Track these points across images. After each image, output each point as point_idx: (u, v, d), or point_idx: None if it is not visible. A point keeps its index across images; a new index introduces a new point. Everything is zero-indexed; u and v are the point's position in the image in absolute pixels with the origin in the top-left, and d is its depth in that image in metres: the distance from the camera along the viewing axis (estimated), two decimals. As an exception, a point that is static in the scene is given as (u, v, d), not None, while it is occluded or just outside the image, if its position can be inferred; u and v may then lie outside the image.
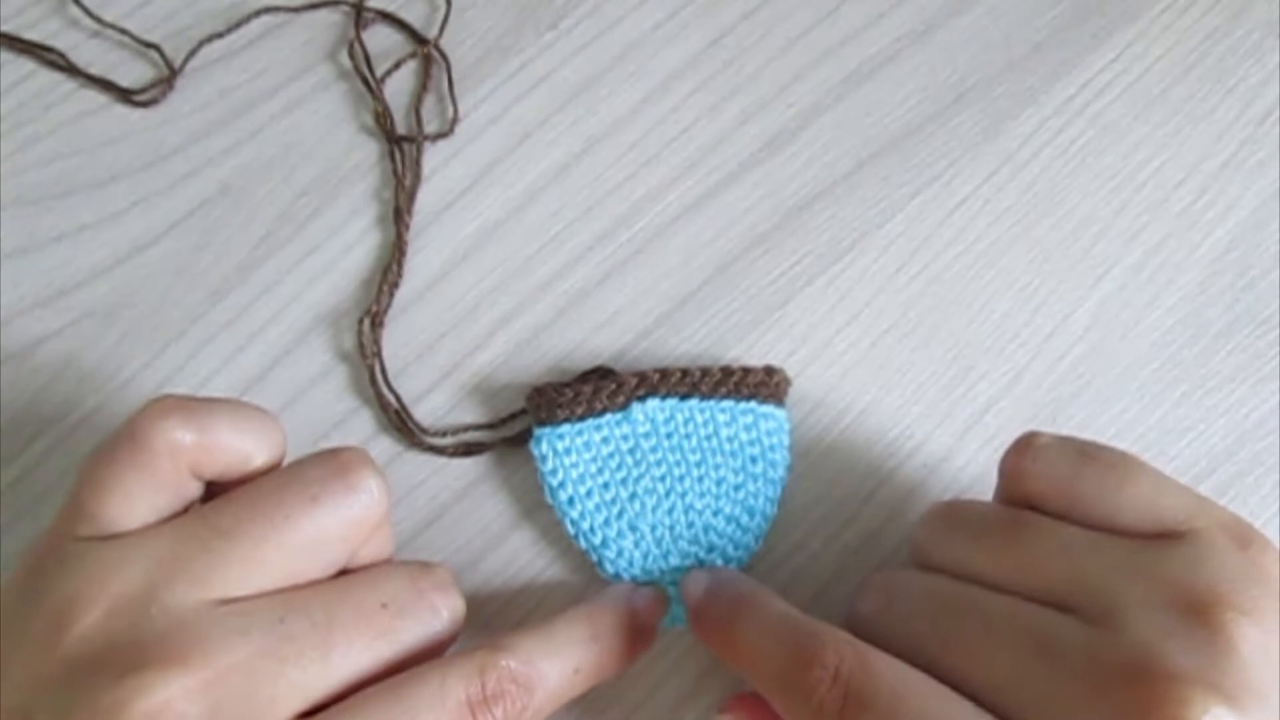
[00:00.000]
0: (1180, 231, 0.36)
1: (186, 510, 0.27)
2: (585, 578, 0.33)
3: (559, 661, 0.28)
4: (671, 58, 0.38)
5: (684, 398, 0.33)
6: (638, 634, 0.30)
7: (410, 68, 0.38)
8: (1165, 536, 0.26)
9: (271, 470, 0.28)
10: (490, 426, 0.34)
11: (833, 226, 0.36)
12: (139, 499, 0.26)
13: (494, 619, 0.32)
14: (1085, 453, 0.28)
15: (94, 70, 0.37)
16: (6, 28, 0.37)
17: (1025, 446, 0.29)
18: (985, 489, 0.33)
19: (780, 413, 0.33)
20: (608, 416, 0.32)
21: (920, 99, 0.38)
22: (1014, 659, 0.25)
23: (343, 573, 0.28)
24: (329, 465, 0.27)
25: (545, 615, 0.32)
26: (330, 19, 0.38)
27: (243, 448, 0.27)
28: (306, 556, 0.27)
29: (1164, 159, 0.37)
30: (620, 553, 0.32)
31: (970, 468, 0.34)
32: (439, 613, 0.28)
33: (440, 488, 0.33)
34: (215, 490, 0.28)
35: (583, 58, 0.38)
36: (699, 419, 0.33)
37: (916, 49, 0.38)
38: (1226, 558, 0.25)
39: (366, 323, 0.34)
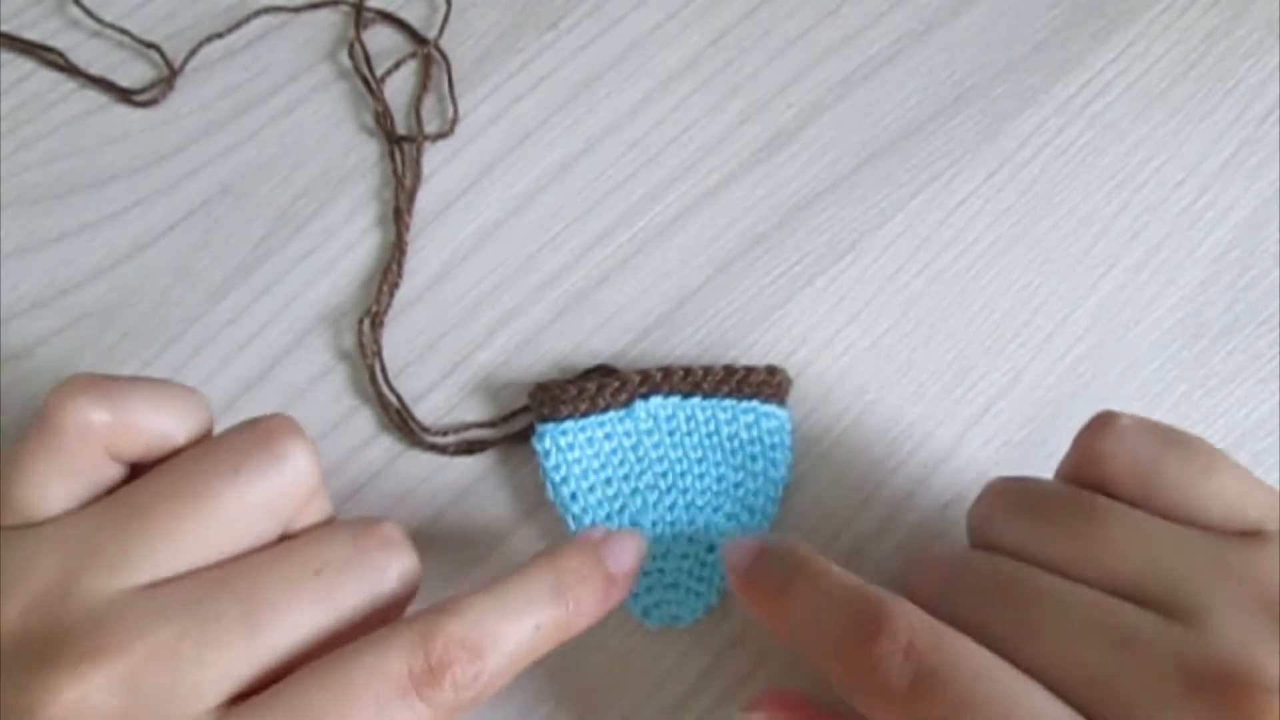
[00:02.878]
0: (1180, 231, 0.36)
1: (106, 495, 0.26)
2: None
3: (515, 620, 0.25)
4: (671, 58, 0.38)
5: (687, 396, 0.33)
6: (609, 585, 0.27)
7: (410, 68, 0.38)
8: (1248, 535, 0.25)
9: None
10: (491, 424, 0.34)
11: (833, 226, 0.36)
12: (54, 484, 0.25)
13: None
14: (1169, 439, 0.26)
15: (94, 70, 0.37)
16: (6, 28, 0.37)
17: (1105, 425, 0.27)
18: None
19: (782, 412, 0.33)
20: (611, 413, 0.32)
21: (920, 99, 0.38)
22: (1095, 653, 0.24)
23: (280, 541, 0.26)
24: (251, 434, 0.26)
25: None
26: (330, 19, 0.38)
27: (162, 426, 0.26)
28: (232, 531, 0.25)
29: (1164, 159, 0.37)
30: None
31: (970, 468, 0.34)
32: (385, 573, 0.26)
33: (442, 487, 0.33)
34: (139, 473, 0.26)
35: (583, 57, 0.38)
36: (701, 417, 0.33)
37: (916, 49, 0.38)
38: None
39: (366, 322, 0.34)
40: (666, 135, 0.37)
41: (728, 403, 0.33)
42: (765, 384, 0.33)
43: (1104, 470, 0.27)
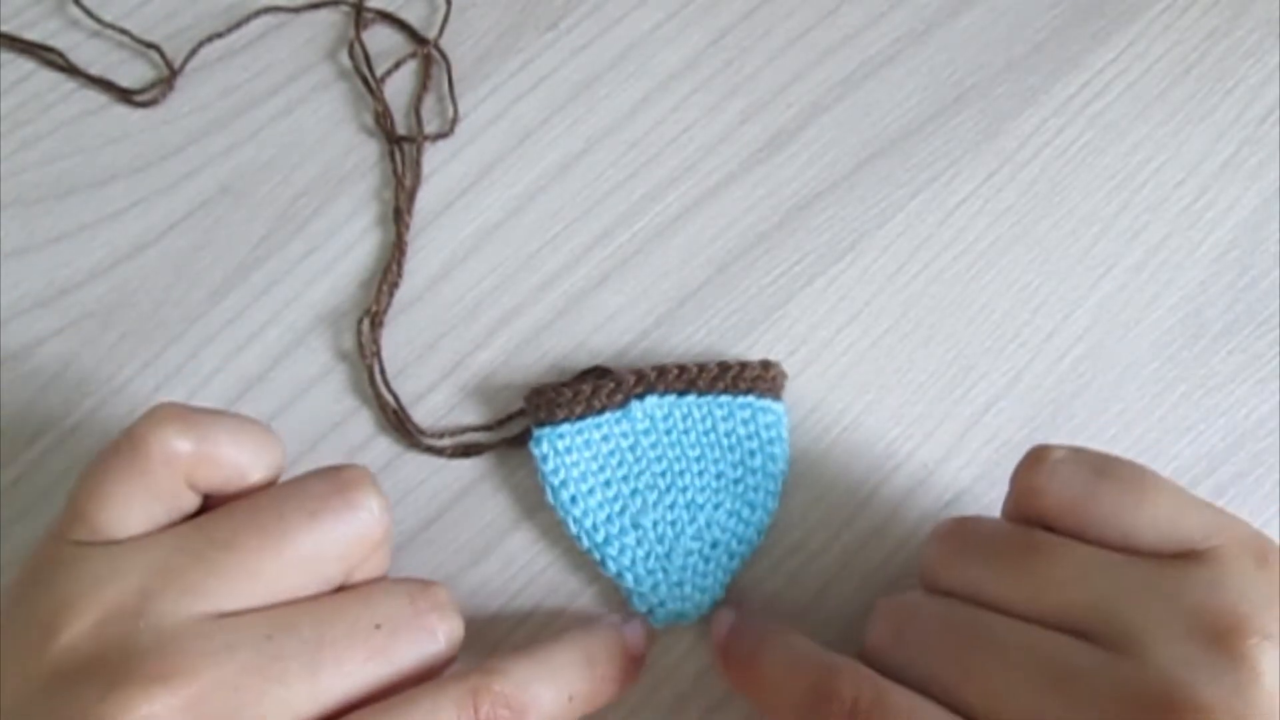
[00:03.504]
0: (1180, 231, 0.36)
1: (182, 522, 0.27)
2: (585, 578, 0.33)
3: (553, 687, 0.27)
4: (671, 58, 0.38)
5: (682, 394, 0.33)
6: (629, 664, 0.30)
7: (410, 68, 0.38)
8: (1184, 556, 0.25)
9: (269, 486, 0.28)
10: (488, 428, 0.34)
11: (833, 226, 0.36)
12: (134, 506, 0.26)
13: (493, 619, 0.32)
14: (1101, 470, 0.27)
15: (94, 70, 0.37)
16: (6, 28, 0.37)
17: (1038, 461, 0.27)
18: (985, 489, 0.34)
19: (778, 406, 0.33)
20: (607, 415, 0.32)
21: (920, 99, 0.38)
22: (1033, 692, 0.24)
23: (339, 590, 0.27)
24: (330, 482, 0.27)
25: (543, 619, 0.32)
26: (330, 19, 0.38)
27: (241, 461, 0.27)
28: (302, 573, 0.26)
29: (1164, 159, 0.37)
30: (623, 550, 0.32)
31: (970, 468, 0.34)
32: (435, 635, 0.27)
33: (440, 488, 0.33)
34: (211, 505, 0.27)
35: (583, 58, 0.38)
36: (697, 415, 0.33)
37: (916, 49, 0.38)
38: (1247, 578, 0.25)
39: (366, 322, 0.34)
40: (666, 135, 0.37)
41: (724, 399, 0.33)
42: (760, 379, 0.33)
43: (1041, 505, 0.27)
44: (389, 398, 0.34)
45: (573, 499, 0.32)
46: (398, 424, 0.33)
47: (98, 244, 0.35)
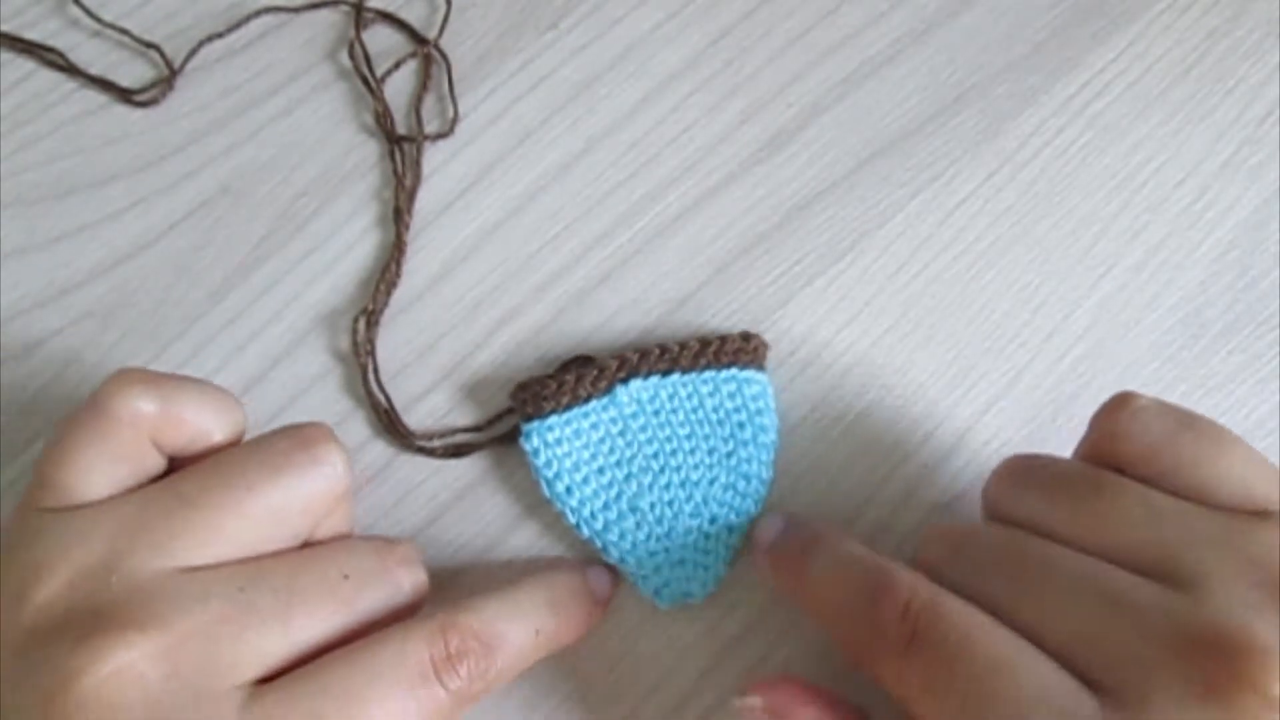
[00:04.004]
0: (1180, 231, 0.36)
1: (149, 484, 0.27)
2: (585, 578, 0.33)
3: (520, 623, 0.28)
4: (671, 58, 0.38)
5: (665, 374, 0.33)
6: (592, 605, 0.31)
7: (410, 68, 0.38)
8: (1255, 514, 0.25)
9: (233, 447, 0.28)
10: (479, 428, 0.34)
11: (833, 226, 0.36)
12: (101, 469, 0.26)
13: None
14: (1184, 421, 0.27)
15: (94, 70, 0.37)
16: (6, 28, 0.37)
17: (1122, 405, 0.28)
18: (985, 489, 0.34)
19: (762, 376, 0.33)
20: (593, 403, 0.32)
21: (920, 99, 0.38)
22: (1088, 614, 0.24)
23: (306, 546, 0.28)
24: (293, 438, 0.28)
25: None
26: (330, 19, 0.38)
27: (204, 421, 0.28)
28: (268, 527, 0.27)
29: (1164, 159, 0.37)
30: (623, 535, 0.32)
31: (970, 467, 0.34)
32: (401, 585, 0.28)
33: (440, 488, 0.33)
34: (177, 468, 0.28)
35: (583, 58, 0.38)
36: (683, 393, 0.33)
37: (916, 49, 0.38)
38: None
39: (362, 322, 0.34)
40: (666, 135, 0.37)
41: (707, 374, 0.33)
42: (742, 350, 0.33)
43: (1118, 449, 0.27)
44: (380, 398, 0.34)
45: (568, 490, 0.32)
46: (389, 425, 0.33)
47: (98, 244, 0.35)
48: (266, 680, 0.25)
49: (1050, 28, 0.39)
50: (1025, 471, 0.29)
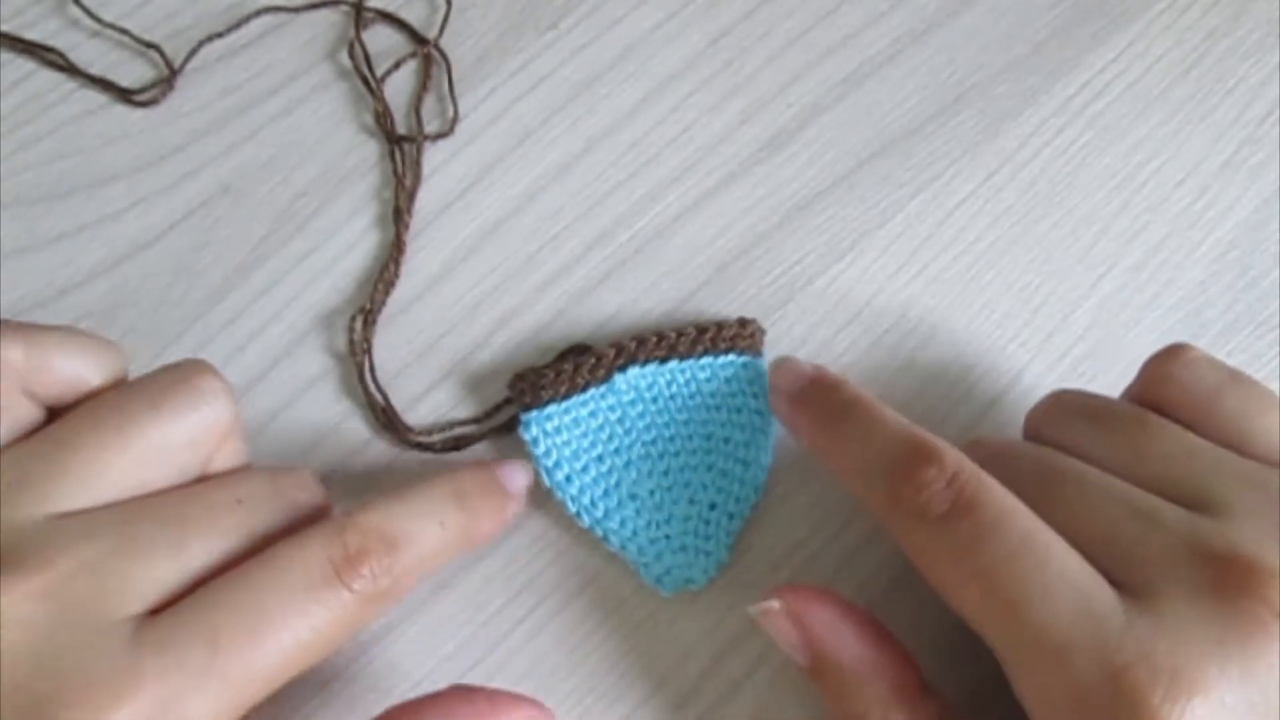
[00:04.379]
0: (1180, 231, 0.36)
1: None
2: (588, 577, 0.33)
3: (422, 517, 0.27)
4: (671, 58, 0.38)
5: (663, 361, 0.33)
6: (504, 496, 0.30)
7: (410, 68, 0.38)
8: None
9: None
10: (477, 420, 0.34)
11: (833, 226, 0.36)
12: None
13: (497, 615, 0.32)
14: (1234, 375, 0.28)
15: (94, 70, 0.37)
16: (6, 28, 0.37)
17: (1176, 353, 0.29)
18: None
19: (759, 362, 0.33)
20: (591, 391, 0.33)
21: (920, 99, 0.38)
22: (1116, 522, 0.25)
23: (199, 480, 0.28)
24: (172, 374, 0.27)
25: (548, 613, 0.32)
26: (330, 19, 0.38)
27: (77, 367, 0.27)
28: (153, 465, 0.26)
29: (1164, 159, 0.37)
30: (623, 523, 0.32)
31: (970, 468, 0.34)
32: (298, 504, 0.28)
33: (440, 488, 0.33)
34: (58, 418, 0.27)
35: (583, 58, 0.38)
36: (681, 379, 0.33)
37: (916, 49, 0.38)
38: None
39: (359, 321, 0.34)
40: (666, 135, 0.37)
41: (705, 361, 0.33)
42: (739, 336, 0.33)
43: (1165, 392, 0.28)
44: (377, 396, 0.34)
45: (568, 478, 0.32)
46: (386, 422, 0.33)
47: (98, 244, 0.35)
48: (163, 607, 0.25)
49: (1050, 28, 0.39)
50: (1072, 402, 0.30)
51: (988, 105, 0.38)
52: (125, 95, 0.37)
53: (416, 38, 0.38)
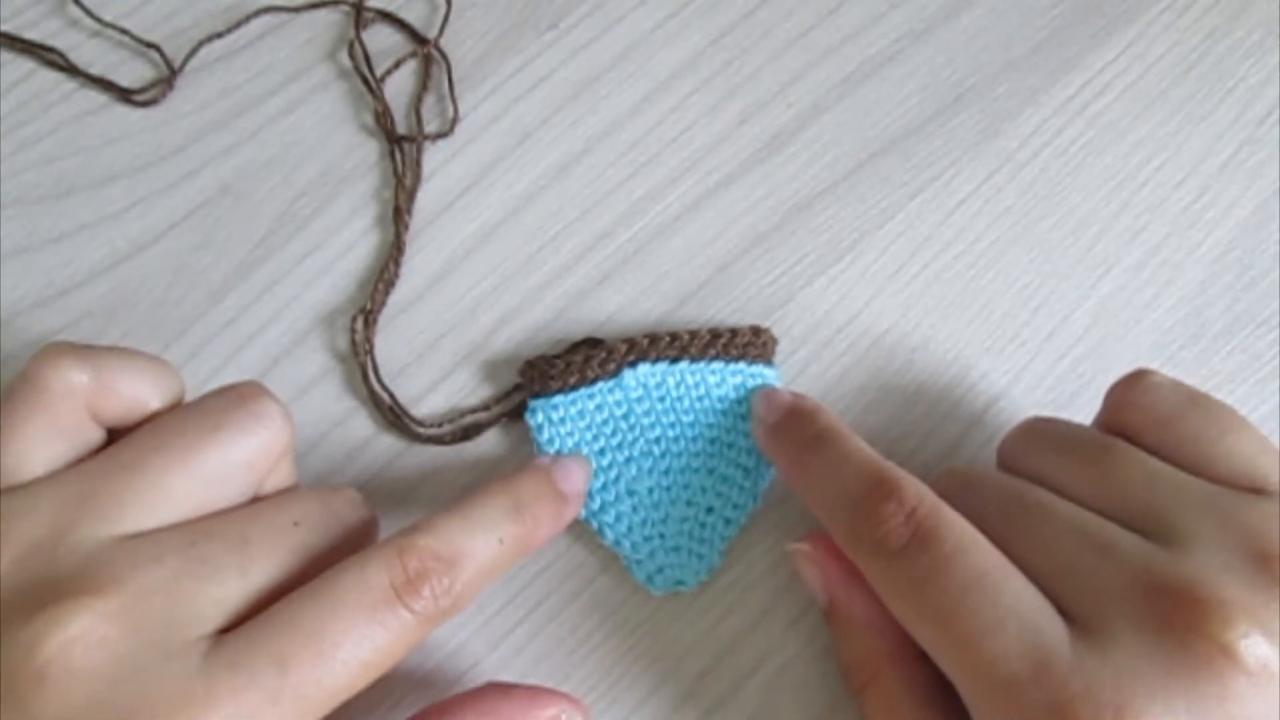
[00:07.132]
0: (1180, 231, 0.36)
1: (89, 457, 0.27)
2: (588, 577, 0.33)
3: (480, 534, 0.27)
4: (671, 58, 0.38)
5: (674, 361, 0.33)
6: (560, 501, 0.30)
7: (410, 68, 0.38)
8: (1250, 490, 0.26)
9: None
10: (486, 408, 0.34)
11: (833, 226, 0.36)
12: (39, 445, 0.26)
13: (497, 615, 0.32)
14: (1194, 398, 0.28)
15: (94, 70, 0.37)
16: (6, 28, 0.37)
17: (1137, 379, 0.29)
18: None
19: (770, 371, 0.33)
20: (600, 384, 0.33)
21: (920, 99, 0.38)
22: (1073, 552, 0.26)
23: (253, 502, 0.28)
24: (229, 397, 0.28)
25: (549, 611, 0.32)
26: (330, 19, 0.38)
27: (139, 390, 0.28)
28: (213, 486, 0.27)
29: (1164, 159, 0.37)
30: (619, 517, 0.32)
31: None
32: (349, 525, 0.28)
33: (445, 483, 0.33)
34: (115, 439, 0.28)
35: (583, 58, 0.38)
36: (690, 381, 0.33)
37: (916, 49, 0.38)
38: None
39: (360, 321, 0.34)
40: (666, 135, 0.37)
41: (715, 365, 0.33)
42: (751, 345, 0.33)
43: (1129, 419, 0.29)
44: (383, 394, 0.34)
45: None
46: (394, 419, 0.33)
47: (98, 244, 0.35)
48: (230, 630, 0.25)
49: (1050, 28, 0.39)
50: (1041, 430, 0.31)
51: (988, 105, 0.38)
52: (125, 95, 0.37)
53: (416, 38, 0.38)
